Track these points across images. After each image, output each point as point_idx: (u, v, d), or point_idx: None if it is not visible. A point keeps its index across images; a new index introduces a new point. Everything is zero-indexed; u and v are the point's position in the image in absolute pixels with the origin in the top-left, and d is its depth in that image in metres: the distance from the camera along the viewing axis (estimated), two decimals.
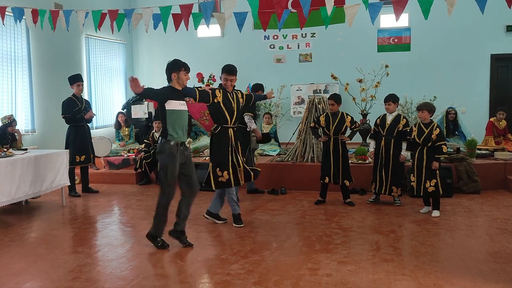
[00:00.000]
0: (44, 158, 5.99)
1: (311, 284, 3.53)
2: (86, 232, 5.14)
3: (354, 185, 6.52)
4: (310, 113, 7.30)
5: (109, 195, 7.01)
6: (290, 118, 10.04)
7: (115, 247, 4.52)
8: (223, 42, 10.75)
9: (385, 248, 4.36)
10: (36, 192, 5.90)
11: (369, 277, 3.64)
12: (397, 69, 9.33)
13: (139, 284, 3.58)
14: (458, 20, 9.11)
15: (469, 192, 6.64)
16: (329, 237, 4.71)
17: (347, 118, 6.08)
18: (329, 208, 5.96)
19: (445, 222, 5.22)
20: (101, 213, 5.98)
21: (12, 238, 4.85)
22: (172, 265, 4.00)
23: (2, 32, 7.41)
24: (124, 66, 11.03)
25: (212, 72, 9.62)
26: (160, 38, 10.71)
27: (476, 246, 4.42)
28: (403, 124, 5.84)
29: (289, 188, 7.06)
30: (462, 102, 9.12)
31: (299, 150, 7.44)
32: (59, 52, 8.71)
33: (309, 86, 10.17)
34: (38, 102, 8.22)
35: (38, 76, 8.22)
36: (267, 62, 10.52)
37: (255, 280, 3.61)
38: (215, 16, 5.98)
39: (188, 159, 4.50)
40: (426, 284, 3.50)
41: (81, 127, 6.96)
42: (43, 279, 3.75)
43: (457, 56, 9.66)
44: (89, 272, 3.88)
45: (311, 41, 10.35)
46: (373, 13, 5.27)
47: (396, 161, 5.87)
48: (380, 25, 9.80)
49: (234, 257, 4.17)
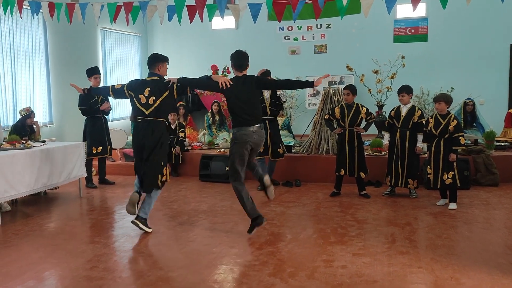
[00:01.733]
0: (62, 150, 6.08)
1: (326, 276, 3.53)
2: (103, 222, 5.21)
3: (370, 177, 6.47)
4: (325, 104, 7.25)
5: (125, 187, 7.09)
6: (305, 110, 10.00)
7: (132, 238, 4.58)
8: (238, 33, 10.72)
9: (400, 240, 4.33)
10: (54, 184, 6.00)
11: (385, 270, 3.63)
12: (413, 60, 9.20)
13: (155, 274, 3.62)
14: (477, 9, 8.90)
15: (487, 185, 6.54)
16: (344, 229, 4.69)
17: (362, 109, 6.03)
18: (344, 200, 5.93)
19: (462, 215, 5.16)
20: (117, 204, 6.06)
21: (32, 228, 4.95)
22: (188, 256, 4.04)
23: (20, 25, 7.51)
24: (139, 58, 11.10)
25: (226, 64, 9.61)
26: (175, 30, 10.72)
27: (494, 239, 4.37)
28: (418, 115, 5.77)
29: (303, 180, 7.04)
30: (480, 93, 8.95)
31: (314, 142, 7.41)
32: (75, 45, 8.80)
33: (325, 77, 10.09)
34: (55, 95, 8.33)
35: (55, 69, 8.33)
36: (281, 53, 10.47)
37: (270, 272, 3.62)
38: (229, 7, 5.95)
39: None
40: (443, 277, 3.48)
41: (98, 119, 7.03)
42: (62, 268, 3.82)
43: (476, 46, 9.47)
44: (106, 262, 3.94)
45: (326, 32, 10.26)
46: (389, 3, 5.18)
47: (412, 153, 5.81)
48: (397, 15, 9.66)
49: (249, 249, 4.19)
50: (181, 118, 8.78)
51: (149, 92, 4.57)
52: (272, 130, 6.44)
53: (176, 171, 7.85)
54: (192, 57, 10.96)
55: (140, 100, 4.58)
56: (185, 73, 10.54)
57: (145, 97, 4.57)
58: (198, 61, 10.74)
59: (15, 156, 5.28)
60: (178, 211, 5.56)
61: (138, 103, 4.60)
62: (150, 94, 4.57)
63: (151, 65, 4.71)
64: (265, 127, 6.27)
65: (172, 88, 4.59)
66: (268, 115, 6.39)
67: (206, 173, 7.41)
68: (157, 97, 4.56)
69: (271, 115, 6.43)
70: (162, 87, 4.58)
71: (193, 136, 8.86)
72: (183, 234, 4.64)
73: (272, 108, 6.41)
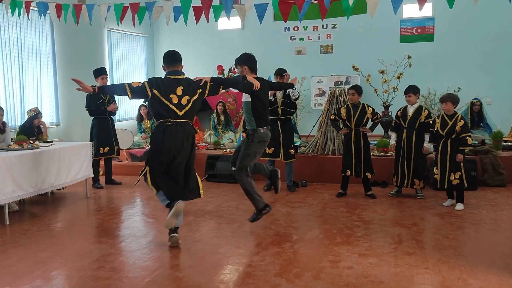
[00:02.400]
0: (69, 150, 6.12)
1: (332, 276, 3.52)
2: (109, 223, 5.24)
3: (376, 177, 6.45)
4: (331, 105, 7.24)
5: (132, 187, 7.12)
6: (310, 110, 9.98)
7: (138, 238, 4.60)
8: (244, 34, 10.73)
9: (407, 241, 4.31)
10: (61, 184, 6.03)
11: (391, 270, 3.62)
12: (420, 60, 9.15)
13: (162, 274, 3.64)
14: (484, 9, 8.84)
15: (494, 185, 6.50)
16: (350, 230, 4.68)
17: (368, 109, 6.01)
18: (350, 201, 5.92)
19: (470, 216, 5.13)
20: (124, 205, 6.08)
21: (39, 228, 4.99)
22: (194, 256, 4.05)
23: (28, 26, 7.57)
24: (146, 59, 11.14)
25: (232, 64, 9.59)
26: (181, 31, 10.75)
27: (502, 240, 4.34)
28: (425, 115, 5.75)
29: (309, 180, 7.04)
30: (487, 93, 8.90)
31: (319, 143, 7.40)
32: (82, 46, 8.85)
33: (330, 77, 10.08)
34: (62, 95, 8.38)
35: (62, 70, 8.38)
36: (287, 54, 10.46)
37: (276, 272, 3.62)
38: (235, 8, 5.96)
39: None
40: (450, 278, 3.46)
41: (104, 119, 7.07)
42: (69, 267, 3.84)
43: (483, 46, 9.41)
44: (113, 262, 3.96)
45: (332, 32, 10.24)
46: (395, 3, 5.16)
47: (419, 154, 5.79)
48: (403, 15, 9.62)
49: (255, 249, 4.20)
50: None
51: (182, 91, 4.18)
52: (284, 131, 6.42)
53: None
54: (198, 58, 10.97)
55: (171, 100, 4.14)
56: (191, 74, 10.63)
57: (177, 97, 4.16)
58: (204, 61, 10.76)
59: (23, 156, 5.32)
60: (184, 211, 5.56)
61: (170, 103, 4.14)
62: (184, 94, 4.17)
63: (175, 62, 4.32)
64: (277, 128, 6.30)
65: (205, 87, 4.31)
66: (280, 115, 6.38)
67: (212, 173, 7.42)
68: (190, 97, 4.20)
69: (282, 115, 6.41)
70: (195, 86, 4.27)
71: (199, 137, 8.88)
72: (189, 234, 4.65)
73: (284, 108, 6.38)
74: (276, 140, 6.31)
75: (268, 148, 6.40)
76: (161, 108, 4.16)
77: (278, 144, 6.35)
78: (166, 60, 4.34)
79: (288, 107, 6.41)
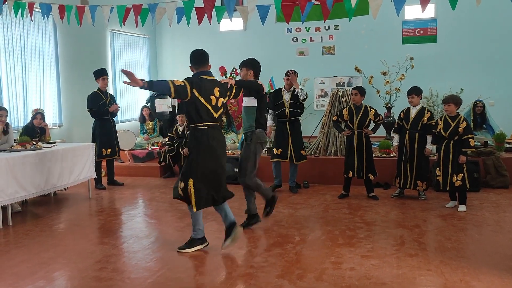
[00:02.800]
0: (71, 151, 6.13)
1: (334, 277, 3.52)
2: (112, 223, 5.24)
3: (378, 179, 6.45)
4: (334, 106, 7.24)
5: (134, 188, 7.13)
6: (313, 111, 9.98)
7: (140, 239, 4.60)
8: (246, 35, 10.73)
9: (409, 242, 4.30)
10: (64, 184, 6.05)
11: (393, 272, 3.61)
12: (422, 62, 9.14)
13: (164, 276, 3.64)
14: (486, 10, 8.84)
15: (497, 187, 6.49)
16: (353, 231, 4.68)
17: (371, 111, 6.01)
18: (352, 202, 5.91)
19: (472, 217, 5.11)
20: (126, 206, 6.09)
21: (42, 229, 5.00)
22: (196, 257, 4.05)
23: (31, 28, 7.60)
24: (148, 60, 11.16)
25: (234, 65, 9.62)
26: (183, 32, 10.75)
27: (505, 241, 4.32)
28: (428, 117, 5.74)
29: (311, 182, 7.03)
30: (490, 94, 8.88)
31: (322, 144, 7.40)
32: (85, 47, 8.88)
33: (332, 79, 10.08)
34: (65, 96, 8.41)
35: (65, 71, 8.40)
36: (290, 55, 10.46)
37: (278, 273, 3.62)
38: (238, 9, 5.97)
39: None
40: (452, 279, 3.45)
41: (106, 120, 7.08)
42: (71, 268, 3.85)
43: (485, 47, 9.40)
44: (115, 262, 3.96)
45: (335, 33, 10.24)
46: (398, 4, 5.15)
47: (421, 155, 5.78)
48: (405, 16, 9.62)
49: (257, 250, 4.20)
50: None
51: (219, 93, 4.05)
52: (293, 132, 6.44)
53: None
54: None
55: (211, 101, 3.99)
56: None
57: (215, 98, 4.01)
58: None
59: (26, 157, 5.33)
60: (186, 213, 5.55)
61: (209, 105, 3.98)
62: (220, 96, 4.04)
63: (206, 62, 4.15)
64: (286, 129, 6.35)
65: (231, 90, 4.25)
66: (288, 117, 6.39)
67: None
68: (224, 100, 4.09)
69: (291, 116, 6.40)
70: (226, 89, 4.18)
71: None
72: None
73: (292, 109, 6.38)
74: (285, 141, 6.35)
75: (276, 149, 6.42)
76: (200, 110, 3.94)
77: (286, 145, 6.37)
78: (196, 60, 4.11)
79: (296, 108, 6.42)
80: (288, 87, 6.41)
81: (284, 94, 6.39)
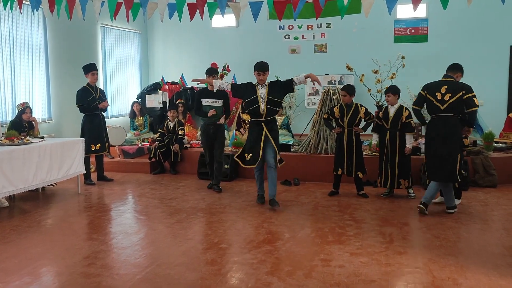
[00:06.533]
0: (60, 146, 6.07)
1: (324, 275, 3.53)
2: (101, 219, 5.21)
3: (368, 177, 6.47)
4: (325, 104, 7.25)
5: (124, 184, 7.09)
6: (304, 109, 9.99)
7: (129, 235, 4.58)
8: (238, 32, 10.70)
9: (398, 240, 4.33)
10: (53, 180, 5.98)
11: (382, 269, 3.63)
12: (413, 61, 9.20)
13: (153, 272, 3.62)
14: (478, 11, 8.91)
15: (485, 186, 6.55)
16: (342, 229, 4.70)
17: (361, 109, 6.03)
18: (342, 200, 5.94)
19: (460, 216, 5.16)
20: (115, 201, 6.05)
21: (30, 224, 4.95)
22: (185, 254, 4.04)
23: (20, 21, 7.50)
24: (139, 55, 11.08)
25: (226, 62, 9.60)
26: (175, 28, 10.72)
27: (492, 240, 4.37)
28: (406, 115, 5.78)
29: (302, 179, 7.05)
30: (479, 94, 8.83)
31: (312, 142, 7.41)
32: (75, 42, 8.78)
33: (324, 77, 10.08)
34: (54, 91, 8.32)
35: (54, 65, 8.31)
36: (281, 52, 10.45)
37: (268, 270, 3.62)
38: (230, 5, 5.95)
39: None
40: (440, 277, 3.48)
41: (96, 116, 7.02)
42: (59, 264, 3.82)
43: (476, 47, 9.47)
44: (104, 258, 3.94)
45: (327, 31, 10.25)
46: (390, 3, 5.17)
47: (403, 154, 5.80)
48: (397, 15, 9.67)
49: (247, 247, 4.19)
50: (180, 115, 8.77)
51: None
52: (272, 135, 6.38)
53: (175, 169, 7.85)
54: (192, 55, 10.94)
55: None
56: (184, 70, 10.61)
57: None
58: (198, 58, 10.72)
59: (14, 152, 5.27)
60: (176, 209, 5.56)
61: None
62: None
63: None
64: (261, 131, 5.70)
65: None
66: (264, 117, 6.19)
67: (205, 171, 7.40)
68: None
69: (267, 115, 6.07)
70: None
71: (192, 134, 8.86)
72: (181, 232, 4.64)
73: (270, 106, 5.86)
74: (258, 145, 5.63)
75: (247, 154, 5.71)
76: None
77: (259, 150, 5.61)
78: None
79: (274, 105, 5.61)
80: (261, 83, 5.56)
81: (259, 89, 5.52)
